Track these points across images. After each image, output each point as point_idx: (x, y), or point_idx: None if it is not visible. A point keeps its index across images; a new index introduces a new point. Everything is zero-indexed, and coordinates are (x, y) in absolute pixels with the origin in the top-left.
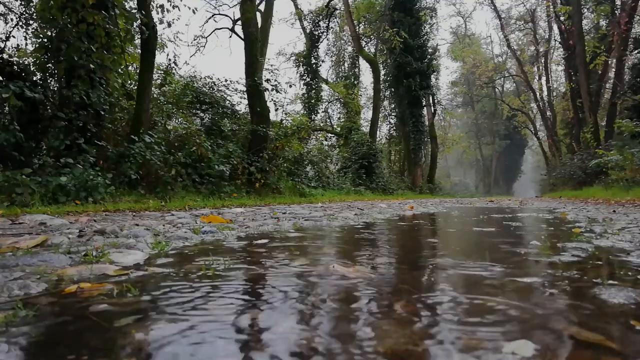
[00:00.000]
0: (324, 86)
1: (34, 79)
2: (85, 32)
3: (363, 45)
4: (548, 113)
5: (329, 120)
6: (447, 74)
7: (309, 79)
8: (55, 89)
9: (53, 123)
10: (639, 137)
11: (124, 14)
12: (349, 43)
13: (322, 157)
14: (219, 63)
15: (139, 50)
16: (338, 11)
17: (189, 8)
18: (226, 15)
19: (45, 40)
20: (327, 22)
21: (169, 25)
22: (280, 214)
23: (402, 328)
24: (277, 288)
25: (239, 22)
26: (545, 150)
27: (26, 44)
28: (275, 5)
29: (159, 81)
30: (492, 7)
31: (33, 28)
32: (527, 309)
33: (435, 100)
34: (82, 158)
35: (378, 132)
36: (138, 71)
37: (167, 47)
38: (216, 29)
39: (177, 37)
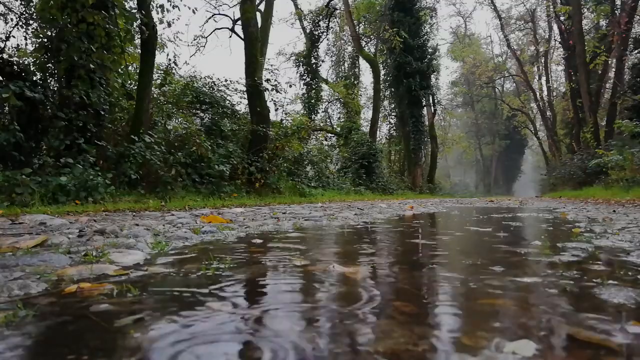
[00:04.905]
0: (324, 86)
1: (34, 79)
2: (85, 32)
3: (363, 45)
4: (548, 113)
5: (329, 120)
6: (447, 74)
7: (309, 79)
8: (55, 89)
9: (53, 123)
10: (639, 137)
11: (124, 14)
12: (349, 43)
13: (322, 157)
14: (219, 63)
15: (139, 50)
16: (338, 11)
17: (189, 8)
18: (226, 15)
19: (45, 40)
20: (327, 22)
21: (169, 25)
22: (280, 214)
23: (402, 327)
24: (277, 288)
25: (239, 22)
26: (545, 150)
27: (26, 44)
28: (275, 5)
29: (159, 81)
30: (492, 7)
31: (33, 28)
32: (527, 308)
33: (435, 100)
34: (82, 158)
35: (378, 132)
36: (138, 71)
37: (167, 47)
38: (216, 29)
39: (177, 37)
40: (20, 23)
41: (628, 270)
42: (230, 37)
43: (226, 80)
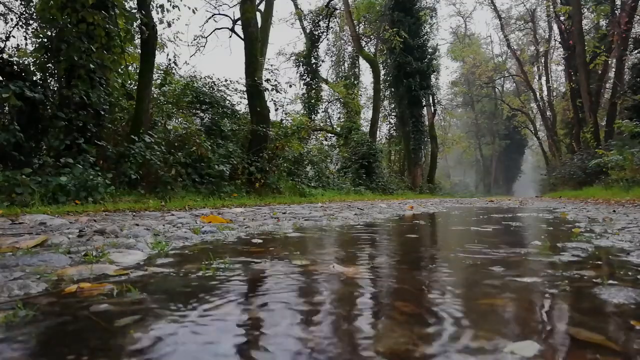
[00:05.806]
0: (324, 86)
1: (34, 79)
2: (85, 32)
3: (363, 45)
4: (548, 113)
5: (329, 120)
6: (447, 74)
7: (309, 79)
8: (55, 89)
9: (53, 123)
10: (639, 137)
11: (124, 14)
12: (349, 43)
13: (322, 157)
14: (219, 63)
15: (139, 50)
16: (338, 11)
17: (189, 8)
18: (226, 15)
19: (45, 40)
20: (327, 22)
21: (169, 25)
22: (280, 214)
23: (402, 327)
24: (277, 288)
25: (239, 22)
26: (545, 150)
27: (26, 44)
28: (275, 5)
29: (159, 81)
30: (492, 7)
31: (33, 28)
32: (527, 309)
33: (435, 100)
34: (82, 158)
35: (378, 132)
36: (138, 71)
37: (167, 47)
38: (216, 29)
39: (177, 37)
40: (20, 23)
41: (628, 270)
42: (230, 37)
43: (226, 80)
